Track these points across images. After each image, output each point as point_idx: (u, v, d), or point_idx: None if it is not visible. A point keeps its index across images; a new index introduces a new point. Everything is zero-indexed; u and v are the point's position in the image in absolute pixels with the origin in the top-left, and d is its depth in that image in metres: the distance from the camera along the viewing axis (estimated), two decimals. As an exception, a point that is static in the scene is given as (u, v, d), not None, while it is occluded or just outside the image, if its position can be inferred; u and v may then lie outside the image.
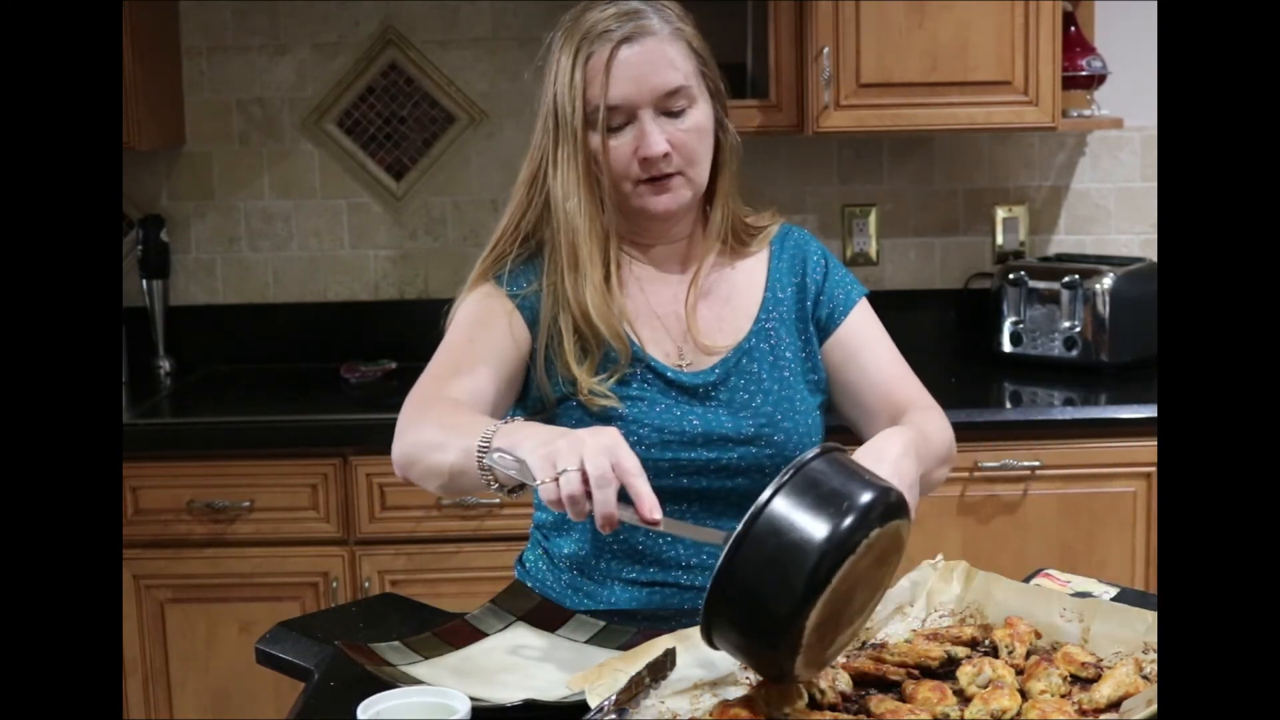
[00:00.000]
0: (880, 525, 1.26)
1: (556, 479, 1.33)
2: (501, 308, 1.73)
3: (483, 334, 1.72)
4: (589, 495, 1.33)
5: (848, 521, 1.23)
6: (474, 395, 1.66)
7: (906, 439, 1.52)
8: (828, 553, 1.22)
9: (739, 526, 1.24)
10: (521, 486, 1.44)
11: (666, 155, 1.68)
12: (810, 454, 1.29)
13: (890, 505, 1.28)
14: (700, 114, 1.71)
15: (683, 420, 1.73)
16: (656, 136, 1.68)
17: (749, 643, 1.27)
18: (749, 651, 1.29)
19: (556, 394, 1.73)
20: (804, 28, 3.02)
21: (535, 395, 1.75)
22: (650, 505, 1.33)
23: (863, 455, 1.47)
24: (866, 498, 1.25)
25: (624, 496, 1.34)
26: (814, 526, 1.23)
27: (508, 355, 1.72)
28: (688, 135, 1.70)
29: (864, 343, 1.82)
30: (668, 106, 1.69)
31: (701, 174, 1.74)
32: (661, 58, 1.68)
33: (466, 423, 1.53)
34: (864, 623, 1.36)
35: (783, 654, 1.25)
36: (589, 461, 1.33)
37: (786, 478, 1.26)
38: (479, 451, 1.45)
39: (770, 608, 1.23)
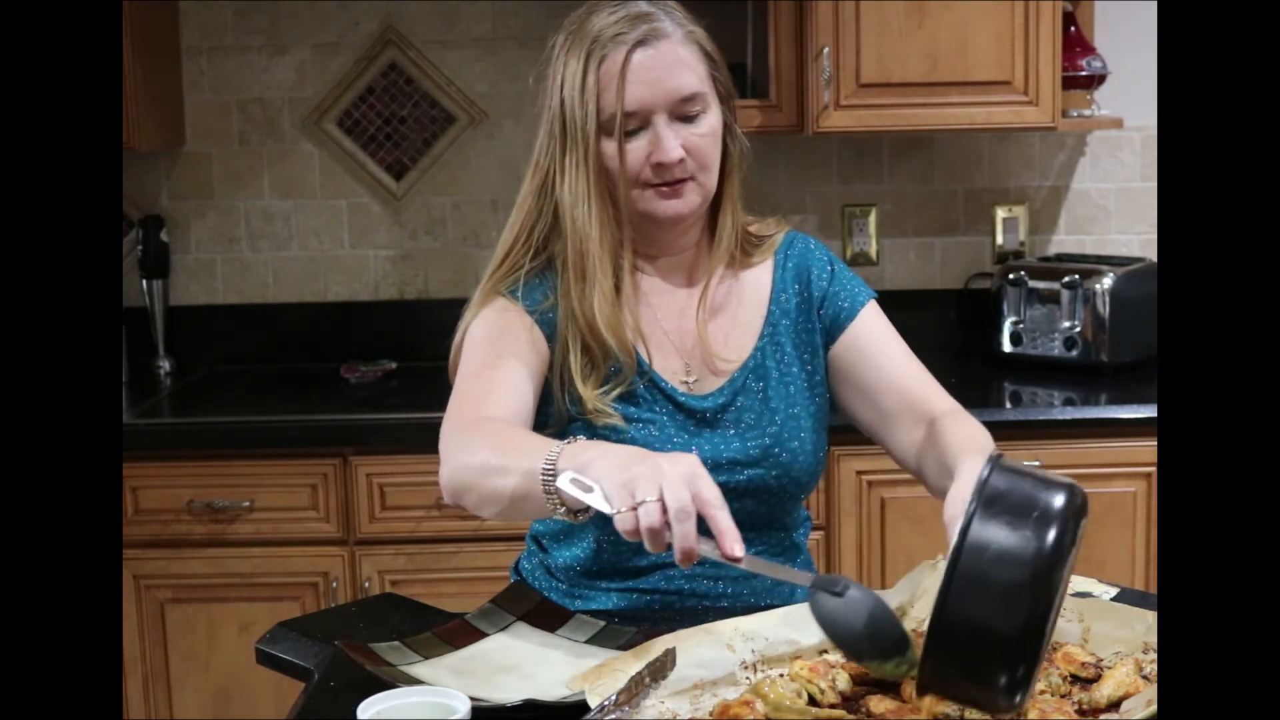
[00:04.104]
0: (1081, 520, 1.22)
1: (634, 509, 1.28)
2: (521, 322, 1.69)
3: (509, 349, 1.67)
4: (668, 525, 1.27)
5: (1055, 526, 1.19)
6: (516, 413, 1.61)
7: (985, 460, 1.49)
8: (1050, 552, 1.18)
9: (947, 560, 1.19)
10: (588, 510, 1.38)
11: (681, 161, 1.66)
12: (985, 471, 1.24)
13: (1082, 503, 1.24)
14: (713, 118, 1.69)
15: (689, 446, 1.69)
16: (672, 142, 1.65)
17: (981, 676, 1.20)
18: (980, 685, 1.21)
19: (569, 412, 1.70)
20: (804, 28, 3.02)
21: (552, 411, 1.71)
22: (732, 539, 1.29)
23: (964, 494, 1.38)
24: (1061, 499, 1.21)
25: (702, 527, 1.29)
26: (1022, 539, 1.18)
27: (536, 369, 1.68)
28: (701, 140, 1.67)
29: (876, 344, 1.78)
30: (683, 111, 1.66)
31: (712, 179, 1.71)
32: (676, 61, 1.66)
33: (523, 443, 1.47)
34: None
35: (1023, 675, 1.18)
36: (669, 492, 1.27)
37: (975, 504, 1.21)
38: (544, 475, 1.38)
39: (1003, 629, 1.17)
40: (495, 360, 1.66)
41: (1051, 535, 1.19)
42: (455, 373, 1.72)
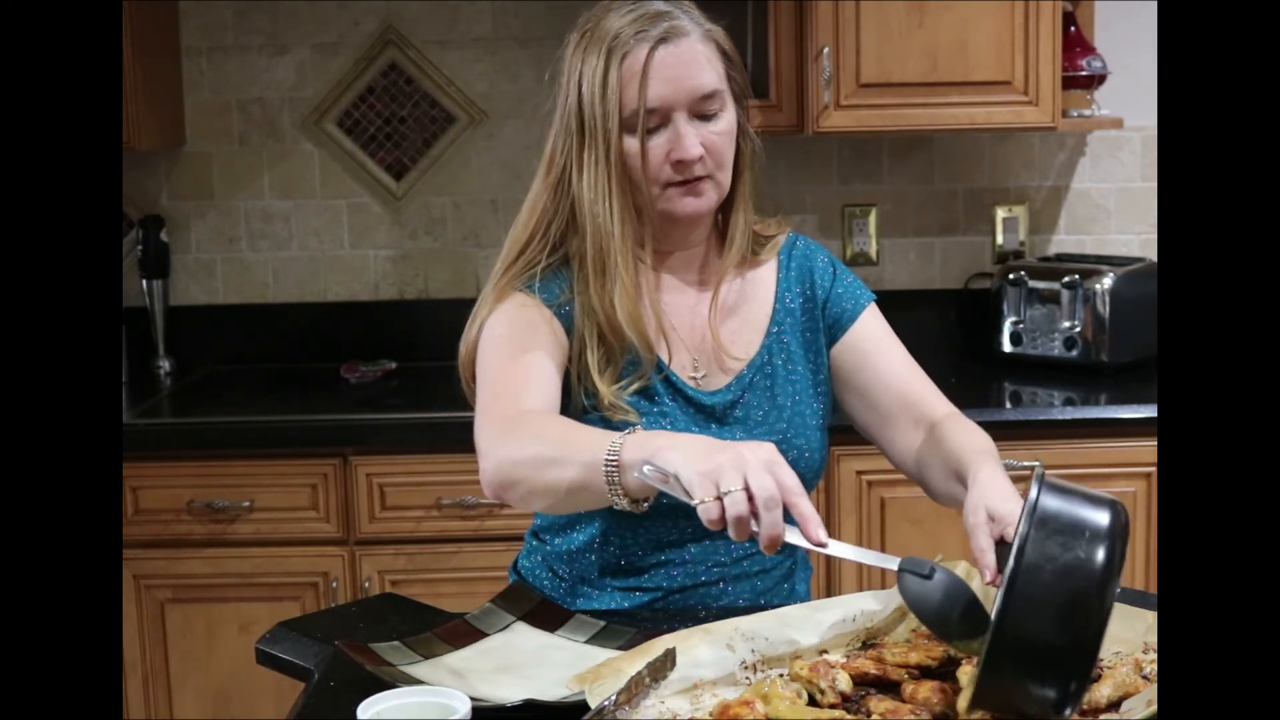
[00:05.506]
0: (1127, 538, 1.25)
1: (719, 499, 1.29)
2: (541, 316, 1.69)
3: (534, 342, 1.66)
4: (753, 514, 1.29)
5: (1106, 545, 1.22)
6: (548, 406, 1.61)
7: (998, 466, 1.53)
8: (1103, 569, 1.21)
9: (1006, 572, 1.21)
10: (649, 499, 1.40)
11: (700, 158, 1.66)
12: (1035, 491, 1.25)
13: (1125, 521, 1.26)
14: (730, 117, 1.70)
15: None
16: (692, 139, 1.65)
17: (1036, 692, 1.22)
18: (1035, 700, 1.22)
19: (584, 404, 1.70)
20: (804, 28, 3.02)
21: (569, 404, 1.70)
22: (816, 525, 1.30)
23: (986, 499, 1.45)
24: (1107, 518, 1.24)
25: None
26: (1077, 559, 1.21)
27: (560, 363, 1.68)
28: (719, 138, 1.68)
29: (876, 346, 1.80)
30: (702, 109, 1.67)
31: (728, 178, 1.72)
32: (697, 59, 1.66)
33: (576, 435, 1.48)
34: None
35: (1074, 689, 1.21)
36: (754, 481, 1.28)
37: (1029, 525, 1.22)
38: (607, 465, 1.39)
39: (1061, 645, 1.20)
40: (522, 354, 1.65)
41: (1104, 553, 1.21)
42: (469, 368, 1.72)
